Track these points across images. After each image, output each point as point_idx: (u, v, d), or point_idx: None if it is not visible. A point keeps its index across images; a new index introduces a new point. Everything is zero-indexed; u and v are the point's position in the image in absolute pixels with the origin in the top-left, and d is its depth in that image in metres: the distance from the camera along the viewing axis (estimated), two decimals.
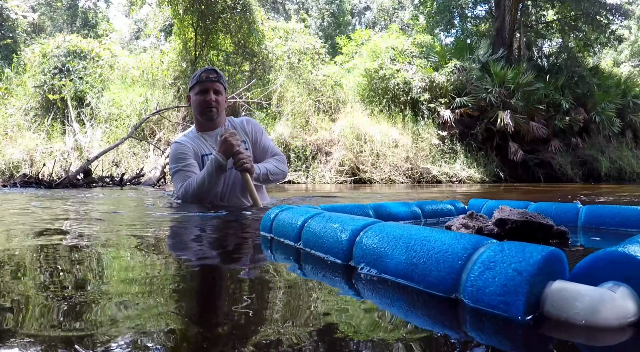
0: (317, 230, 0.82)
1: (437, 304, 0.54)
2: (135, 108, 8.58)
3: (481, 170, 9.72)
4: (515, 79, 10.37)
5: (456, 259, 0.56)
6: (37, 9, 19.06)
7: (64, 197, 2.95)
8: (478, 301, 0.52)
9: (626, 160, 11.28)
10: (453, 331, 0.47)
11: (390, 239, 0.66)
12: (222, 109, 2.13)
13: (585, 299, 0.47)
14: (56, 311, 0.51)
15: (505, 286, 0.50)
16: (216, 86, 2.06)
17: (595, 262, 0.53)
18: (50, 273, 0.71)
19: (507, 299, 0.49)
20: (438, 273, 0.57)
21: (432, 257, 0.59)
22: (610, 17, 13.95)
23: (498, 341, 0.45)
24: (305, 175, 8.41)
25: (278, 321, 0.48)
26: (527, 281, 0.49)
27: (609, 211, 1.23)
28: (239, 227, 1.34)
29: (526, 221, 0.98)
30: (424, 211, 1.34)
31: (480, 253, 0.55)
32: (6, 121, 8.72)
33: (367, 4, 26.06)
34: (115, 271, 0.75)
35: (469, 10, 14.96)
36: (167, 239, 1.14)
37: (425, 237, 0.63)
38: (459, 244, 0.58)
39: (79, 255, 0.86)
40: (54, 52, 9.85)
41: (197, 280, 0.70)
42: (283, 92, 9.34)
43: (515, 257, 0.51)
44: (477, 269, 0.53)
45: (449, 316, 0.51)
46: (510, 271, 0.50)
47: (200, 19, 9.54)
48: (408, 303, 0.56)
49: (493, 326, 0.47)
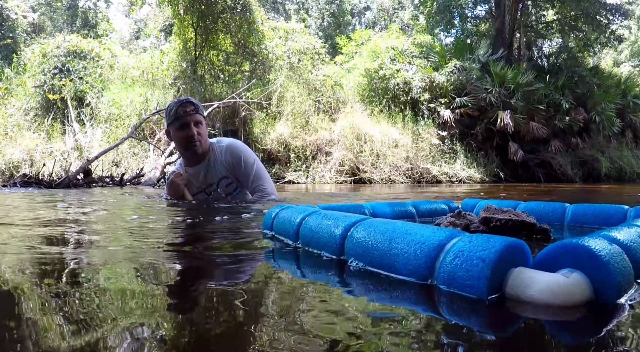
0: (313, 227, 0.87)
1: (417, 290, 0.61)
2: (135, 108, 8.57)
3: (481, 170, 9.72)
4: (515, 79, 10.36)
5: (431, 249, 0.63)
6: (37, 9, 19.06)
7: (88, 201, 2.95)
8: (450, 285, 0.59)
9: (626, 160, 11.27)
10: (429, 312, 0.54)
11: (376, 233, 0.72)
12: (205, 139, 2.15)
13: (540, 283, 0.55)
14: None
15: (470, 271, 0.57)
16: (196, 118, 2.08)
17: (553, 252, 0.60)
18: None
19: (473, 283, 0.57)
20: (416, 262, 0.64)
21: (411, 248, 0.65)
22: (610, 17, 13.94)
23: (466, 317, 0.53)
24: (305, 175, 8.41)
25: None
26: (489, 266, 0.56)
27: (593, 209, 1.29)
28: (242, 226, 1.34)
29: (509, 219, 1.04)
30: (418, 210, 1.38)
31: (453, 244, 0.62)
32: (6, 121, 8.72)
33: (367, 4, 26.05)
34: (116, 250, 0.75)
35: (469, 10, 14.95)
36: (178, 235, 1.14)
37: (407, 230, 0.69)
38: (435, 236, 0.65)
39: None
40: (54, 52, 9.85)
41: (205, 275, 0.72)
42: (283, 92, 9.33)
43: (480, 246, 0.58)
44: (449, 258, 0.60)
45: (427, 299, 0.59)
46: (475, 259, 0.58)
47: (200, 19, 9.54)
48: (390, 291, 0.62)
49: (463, 305, 0.55)
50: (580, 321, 0.52)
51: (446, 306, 0.56)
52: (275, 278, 0.72)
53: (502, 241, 0.59)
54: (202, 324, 0.48)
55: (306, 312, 0.53)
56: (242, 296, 0.60)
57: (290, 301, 0.59)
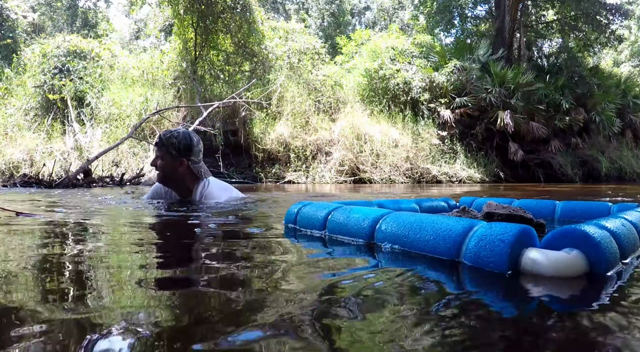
0: (341, 219, 1.06)
1: (444, 265, 0.80)
2: (135, 108, 8.57)
3: (481, 170, 9.71)
4: (515, 79, 10.36)
5: (458, 234, 0.81)
6: (37, 9, 19.06)
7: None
8: (475, 262, 0.76)
9: (626, 160, 11.27)
10: (455, 283, 0.71)
11: (406, 223, 0.91)
12: (167, 174, 2.28)
13: (545, 259, 0.71)
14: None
15: (493, 251, 0.73)
16: (157, 152, 2.26)
17: (556, 235, 0.76)
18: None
19: (495, 260, 0.73)
20: (445, 245, 0.82)
21: (440, 235, 0.83)
22: (610, 17, 13.93)
23: (487, 288, 0.69)
24: (305, 175, 8.41)
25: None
26: (509, 246, 0.72)
27: (580, 206, 1.47)
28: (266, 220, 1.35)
29: (510, 214, 1.16)
30: (421, 207, 1.53)
31: (475, 230, 0.79)
32: (6, 121, 8.71)
33: (367, 4, 26.04)
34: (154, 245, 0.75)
35: (469, 10, 14.95)
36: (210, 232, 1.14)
37: (434, 220, 0.88)
38: (460, 224, 0.82)
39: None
40: (54, 52, 9.84)
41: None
42: (283, 92, 9.33)
43: (500, 231, 0.75)
44: (473, 241, 0.77)
45: (453, 272, 0.76)
46: (496, 241, 0.74)
47: (200, 19, 9.53)
48: (423, 266, 0.80)
49: (485, 278, 0.71)
50: (579, 289, 0.68)
51: (469, 278, 0.72)
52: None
53: (517, 227, 0.74)
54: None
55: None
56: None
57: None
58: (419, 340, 0.45)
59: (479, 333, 0.49)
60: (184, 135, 2.26)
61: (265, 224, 1.42)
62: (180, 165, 2.24)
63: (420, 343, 0.45)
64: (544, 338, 0.47)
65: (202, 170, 2.32)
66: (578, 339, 0.47)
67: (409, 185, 7.57)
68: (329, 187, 6.58)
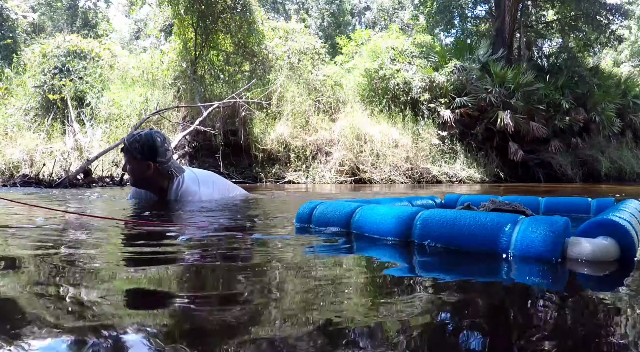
0: (372, 217, 1.09)
1: (488, 258, 0.88)
2: (135, 108, 8.56)
3: (481, 170, 9.71)
4: (515, 79, 10.35)
5: (502, 229, 0.88)
6: (37, 9, 19.05)
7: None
8: (527, 253, 0.84)
9: (626, 160, 11.26)
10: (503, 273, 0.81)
11: (445, 221, 0.95)
12: (137, 178, 2.30)
13: (589, 246, 0.83)
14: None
15: (546, 241, 0.82)
16: (124, 157, 2.26)
17: (592, 225, 0.87)
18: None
19: (548, 248, 0.82)
20: (492, 239, 0.88)
21: (487, 229, 0.90)
22: (610, 17, 13.92)
23: (538, 274, 0.79)
24: (305, 175, 8.40)
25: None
26: (558, 236, 0.82)
27: (562, 201, 1.62)
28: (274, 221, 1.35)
29: (513, 210, 1.33)
30: (412, 204, 1.60)
31: (520, 224, 0.87)
32: (6, 121, 8.71)
33: (367, 4, 26.03)
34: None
35: (469, 10, 14.94)
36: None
37: (474, 217, 0.92)
38: (504, 219, 0.90)
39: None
40: (54, 52, 9.83)
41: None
42: (283, 92, 9.32)
43: (547, 223, 0.85)
44: (521, 234, 0.85)
45: (501, 264, 0.84)
46: (547, 232, 0.83)
47: (200, 19, 9.52)
48: (468, 261, 0.88)
49: (534, 266, 0.81)
50: (615, 271, 0.81)
51: (518, 268, 0.81)
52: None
53: (561, 219, 0.85)
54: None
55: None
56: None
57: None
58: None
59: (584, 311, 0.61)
60: (147, 137, 2.21)
61: (265, 231, 1.41)
62: (148, 168, 2.21)
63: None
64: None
65: (173, 169, 2.27)
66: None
67: (409, 185, 7.57)
68: (329, 187, 6.58)
